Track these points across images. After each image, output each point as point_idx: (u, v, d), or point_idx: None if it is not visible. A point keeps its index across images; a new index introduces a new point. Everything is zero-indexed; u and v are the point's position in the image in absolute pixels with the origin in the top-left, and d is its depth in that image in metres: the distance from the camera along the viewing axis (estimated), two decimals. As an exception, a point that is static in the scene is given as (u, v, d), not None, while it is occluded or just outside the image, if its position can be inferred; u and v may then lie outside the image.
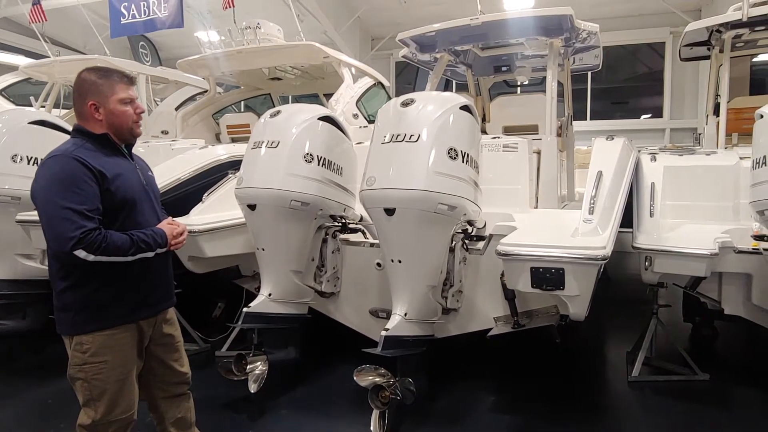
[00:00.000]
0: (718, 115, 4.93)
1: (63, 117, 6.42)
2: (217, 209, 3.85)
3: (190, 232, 3.61)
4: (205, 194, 3.95)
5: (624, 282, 6.58)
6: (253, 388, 3.24)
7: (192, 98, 7.35)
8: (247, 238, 3.64)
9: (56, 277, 2.00)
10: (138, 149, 5.40)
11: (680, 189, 3.85)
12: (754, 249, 3.15)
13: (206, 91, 7.00)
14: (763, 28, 4.78)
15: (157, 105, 7.05)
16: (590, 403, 3.49)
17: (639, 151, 4.27)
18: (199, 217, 3.75)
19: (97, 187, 1.92)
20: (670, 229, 3.51)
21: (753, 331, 3.91)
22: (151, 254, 2.04)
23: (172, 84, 7.20)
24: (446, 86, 7.44)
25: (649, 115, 13.02)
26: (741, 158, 3.76)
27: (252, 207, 3.23)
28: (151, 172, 2.35)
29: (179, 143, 5.10)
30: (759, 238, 3.14)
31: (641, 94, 13.30)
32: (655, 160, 4.00)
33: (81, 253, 1.84)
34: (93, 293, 1.98)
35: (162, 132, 6.29)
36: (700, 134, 6.08)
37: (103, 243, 1.87)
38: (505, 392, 3.64)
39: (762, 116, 2.86)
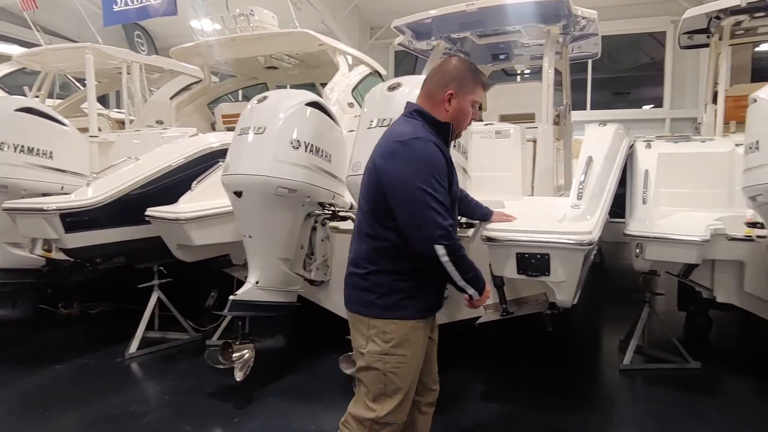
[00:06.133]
0: (716, 103, 4.87)
1: (57, 107, 6.41)
2: (207, 197, 3.82)
3: (177, 219, 3.64)
4: (194, 182, 3.92)
5: (621, 272, 6.54)
6: (239, 376, 3.23)
7: (187, 87, 7.29)
8: (236, 226, 3.61)
9: (365, 260, 1.89)
10: (129, 138, 5.36)
11: (675, 176, 3.80)
12: (746, 236, 3.11)
13: (201, 80, 6.95)
14: (762, 14, 4.69)
15: (152, 94, 7.00)
16: (581, 391, 3.47)
17: (635, 139, 4.22)
18: (187, 205, 3.73)
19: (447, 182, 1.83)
20: (662, 216, 3.47)
21: (747, 319, 3.89)
22: (469, 292, 1.87)
23: (167, 73, 7.14)
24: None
25: (650, 105, 12.89)
26: (736, 145, 3.71)
27: (238, 194, 3.20)
28: None
29: (170, 132, 5.05)
30: (752, 225, 3.10)
31: (643, 83, 13.15)
32: (650, 148, 3.96)
33: (440, 250, 1.72)
34: (400, 281, 1.86)
35: (157, 122, 6.24)
36: (700, 123, 6.00)
37: (460, 250, 1.77)
38: (495, 381, 3.62)
39: (756, 100, 2.80)
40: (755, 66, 6.15)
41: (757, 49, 6.19)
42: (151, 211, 3.76)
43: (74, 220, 3.59)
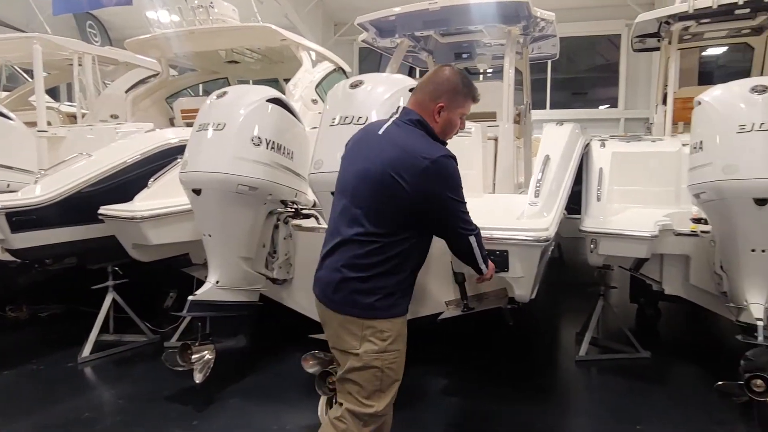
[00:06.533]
0: (666, 105, 5.11)
1: (3, 100, 6.06)
2: (164, 195, 3.71)
3: (132, 218, 3.52)
4: (151, 179, 3.80)
5: (579, 266, 6.77)
6: (198, 378, 3.16)
7: (144, 81, 7.03)
8: (196, 224, 3.52)
9: (364, 264, 1.92)
10: (82, 133, 5.13)
11: (627, 174, 3.96)
12: (691, 231, 3.28)
13: (158, 74, 6.72)
14: (709, 20, 4.94)
15: (106, 87, 6.72)
16: (538, 383, 3.58)
17: (591, 138, 4.37)
18: (143, 203, 3.62)
19: None
20: (615, 213, 3.61)
21: (693, 310, 4.10)
22: (481, 268, 2.15)
23: (122, 66, 6.87)
24: (410, 73, 7.39)
25: (606, 105, 13.39)
26: (683, 145, 3.90)
27: (197, 192, 3.12)
28: None
29: (125, 127, 4.88)
30: (697, 221, 3.27)
31: (600, 84, 13.66)
32: (604, 147, 4.11)
33: (473, 239, 2.03)
34: (399, 282, 1.97)
35: (111, 116, 6.00)
36: (651, 124, 6.29)
37: (480, 234, 2.08)
38: (456, 375, 3.68)
39: (700, 103, 2.95)
40: (702, 69, 6.48)
41: (703, 53, 6.53)
42: (104, 210, 3.62)
43: (21, 219, 3.43)
